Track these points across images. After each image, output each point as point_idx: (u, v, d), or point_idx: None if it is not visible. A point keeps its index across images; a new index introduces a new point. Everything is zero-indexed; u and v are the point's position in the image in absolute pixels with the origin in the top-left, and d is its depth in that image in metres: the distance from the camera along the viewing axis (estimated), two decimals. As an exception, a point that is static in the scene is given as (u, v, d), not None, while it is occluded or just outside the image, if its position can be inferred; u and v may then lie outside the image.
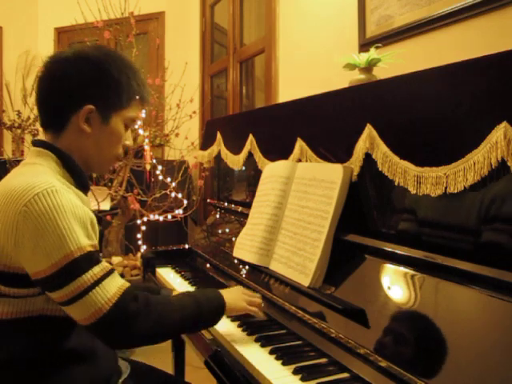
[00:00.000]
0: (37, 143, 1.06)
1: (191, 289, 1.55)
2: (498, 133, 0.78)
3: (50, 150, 1.04)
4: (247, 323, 1.20)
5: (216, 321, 1.11)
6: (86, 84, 1.04)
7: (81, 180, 1.07)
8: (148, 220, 2.80)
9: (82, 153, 1.07)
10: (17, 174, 1.02)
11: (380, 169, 1.06)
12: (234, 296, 1.15)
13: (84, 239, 0.93)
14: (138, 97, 1.11)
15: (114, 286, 0.95)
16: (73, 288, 0.90)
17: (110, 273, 0.95)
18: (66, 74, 1.03)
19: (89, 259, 0.92)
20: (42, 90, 1.07)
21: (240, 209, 1.83)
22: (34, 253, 0.89)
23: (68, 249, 0.90)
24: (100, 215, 1.13)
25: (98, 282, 0.92)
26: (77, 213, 0.93)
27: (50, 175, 0.98)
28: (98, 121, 1.05)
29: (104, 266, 0.95)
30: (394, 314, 0.94)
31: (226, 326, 1.21)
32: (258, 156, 1.66)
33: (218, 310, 1.10)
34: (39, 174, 0.96)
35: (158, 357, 2.02)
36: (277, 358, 1.01)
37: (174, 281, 1.68)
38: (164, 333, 1.03)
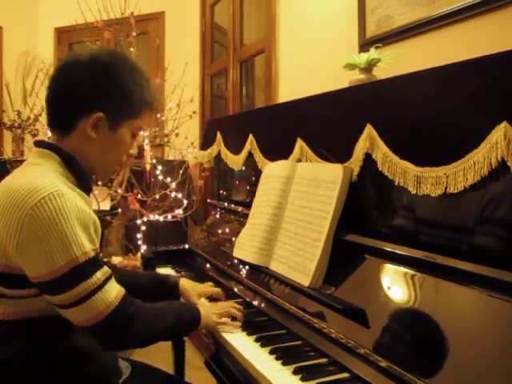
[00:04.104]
0: (39, 144, 1.05)
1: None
2: (498, 133, 0.78)
3: (52, 151, 1.02)
4: (247, 323, 1.20)
5: (190, 333, 1.22)
6: (97, 91, 1.02)
7: (84, 181, 1.06)
8: (148, 220, 2.80)
9: (86, 156, 1.05)
10: (20, 174, 1.00)
11: (380, 169, 1.06)
12: (207, 311, 1.19)
13: (88, 244, 0.94)
14: (148, 107, 1.10)
15: (114, 290, 0.98)
16: (76, 292, 0.92)
17: (110, 277, 0.98)
18: (79, 78, 1.02)
19: (92, 264, 0.94)
20: (52, 90, 1.05)
21: (240, 209, 1.83)
22: (38, 256, 0.89)
23: (73, 254, 0.91)
24: (100, 215, 1.13)
25: (101, 286, 0.94)
26: (81, 217, 0.93)
27: (54, 176, 0.97)
28: (106, 128, 1.04)
29: (105, 270, 0.97)
30: (393, 314, 0.94)
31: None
32: (258, 156, 1.66)
33: (195, 322, 1.15)
34: (43, 176, 0.95)
35: (159, 357, 2.01)
36: (277, 358, 1.01)
37: (174, 281, 1.67)
38: (151, 337, 1.07)
